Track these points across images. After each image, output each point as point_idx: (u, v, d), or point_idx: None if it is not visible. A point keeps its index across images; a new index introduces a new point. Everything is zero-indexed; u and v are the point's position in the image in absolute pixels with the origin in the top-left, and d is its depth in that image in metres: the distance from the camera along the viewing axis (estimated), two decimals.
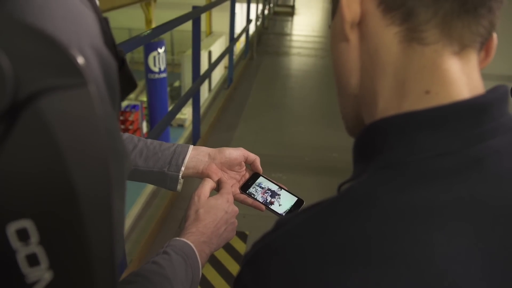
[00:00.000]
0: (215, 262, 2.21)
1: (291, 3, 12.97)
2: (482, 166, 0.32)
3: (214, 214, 0.67)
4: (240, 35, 5.15)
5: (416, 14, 0.34)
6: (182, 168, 0.72)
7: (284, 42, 8.50)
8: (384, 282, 0.27)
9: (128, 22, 11.95)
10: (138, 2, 8.17)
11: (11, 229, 0.22)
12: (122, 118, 9.07)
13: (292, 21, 11.54)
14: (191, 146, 0.74)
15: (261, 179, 0.78)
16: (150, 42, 6.15)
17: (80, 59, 0.24)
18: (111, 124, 0.30)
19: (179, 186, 0.73)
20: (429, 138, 0.33)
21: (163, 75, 6.97)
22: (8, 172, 0.22)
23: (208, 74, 3.47)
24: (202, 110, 3.78)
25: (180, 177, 0.72)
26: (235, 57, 5.72)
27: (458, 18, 0.34)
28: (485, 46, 0.37)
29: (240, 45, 8.01)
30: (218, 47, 12.66)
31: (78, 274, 0.25)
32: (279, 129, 4.00)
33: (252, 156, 0.77)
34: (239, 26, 6.10)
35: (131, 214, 2.30)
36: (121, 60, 0.39)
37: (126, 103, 9.68)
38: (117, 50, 0.38)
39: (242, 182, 0.77)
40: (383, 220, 0.30)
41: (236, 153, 0.76)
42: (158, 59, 6.76)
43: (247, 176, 0.78)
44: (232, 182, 0.76)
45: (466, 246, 0.29)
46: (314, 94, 5.18)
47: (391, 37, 0.36)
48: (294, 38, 9.09)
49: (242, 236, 2.40)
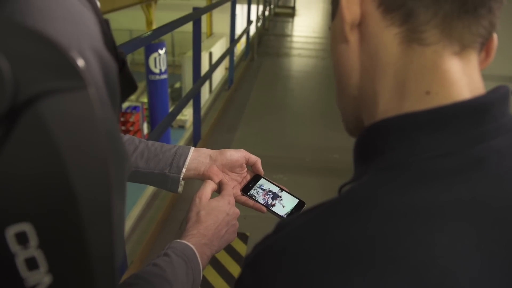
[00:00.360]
0: (216, 264, 2.21)
1: (292, 4, 12.96)
2: (483, 167, 0.32)
3: (215, 216, 0.67)
4: (240, 36, 5.15)
5: (416, 14, 0.34)
6: (183, 170, 0.72)
7: (284, 43, 8.49)
8: (388, 283, 0.27)
9: (128, 23, 11.99)
10: (139, 3, 8.18)
11: (10, 232, 0.22)
12: (123, 119, 9.08)
13: (292, 22, 11.53)
14: (192, 148, 0.74)
15: (262, 181, 0.78)
16: (151, 43, 6.17)
17: (80, 62, 0.24)
18: (111, 126, 0.30)
19: (180, 188, 0.73)
20: (429, 138, 0.33)
21: (164, 77, 6.99)
22: (7, 175, 0.22)
23: (208, 76, 3.47)
24: (203, 112, 3.78)
25: (181, 179, 0.72)
26: (236, 58, 5.72)
27: (458, 18, 0.34)
28: (485, 46, 0.37)
29: (240, 46, 8.03)
30: (218, 49, 12.69)
31: (78, 277, 0.25)
32: (280, 130, 3.99)
33: (253, 157, 0.77)
34: (240, 27, 6.11)
35: (132, 216, 2.30)
36: (121, 61, 0.39)
37: (127, 104, 9.70)
38: (117, 52, 0.38)
39: (243, 184, 0.77)
40: (385, 221, 0.30)
41: (237, 154, 0.76)
42: (159, 61, 6.77)
43: (248, 177, 0.78)
44: (233, 184, 0.76)
45: (468, 246, 0.29)
46: (314, 95, 5.18)
47: (391, 38, 0.36)
48: (295, 39, 9.08)
49: (243, 237, 2.39)
